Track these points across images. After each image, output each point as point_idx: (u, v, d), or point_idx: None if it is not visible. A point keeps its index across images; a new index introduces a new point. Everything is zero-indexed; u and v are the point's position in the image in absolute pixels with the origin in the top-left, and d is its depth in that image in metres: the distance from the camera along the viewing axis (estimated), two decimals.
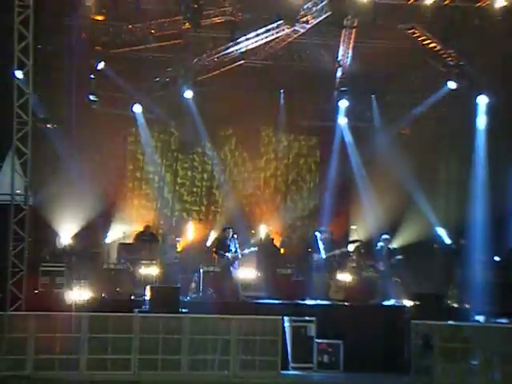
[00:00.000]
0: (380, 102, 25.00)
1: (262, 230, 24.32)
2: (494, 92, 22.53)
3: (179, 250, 22.43)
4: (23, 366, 15.52)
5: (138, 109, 23.96)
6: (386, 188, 23.32)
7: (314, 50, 23.80)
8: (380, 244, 21.37)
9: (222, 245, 20.44)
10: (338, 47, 22.75)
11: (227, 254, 19.99)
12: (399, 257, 20.76)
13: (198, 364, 16.26)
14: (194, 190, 26.01)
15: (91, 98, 22.66)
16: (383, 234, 21.75)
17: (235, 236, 20.18)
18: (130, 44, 22.46)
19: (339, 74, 23.84)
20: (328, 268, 20.92)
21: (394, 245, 22.27)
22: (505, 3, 19.05)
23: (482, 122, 23.05)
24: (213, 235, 23.99)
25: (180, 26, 21.61)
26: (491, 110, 22.86)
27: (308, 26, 21.43)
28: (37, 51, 17.65)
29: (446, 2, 19.19)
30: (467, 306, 19.34)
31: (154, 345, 16.13)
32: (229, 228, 20.55)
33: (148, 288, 17.94)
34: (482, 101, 22.96)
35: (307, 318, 18.04)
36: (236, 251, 20.03)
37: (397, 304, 19.92)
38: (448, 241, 23.45)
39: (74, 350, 15.78)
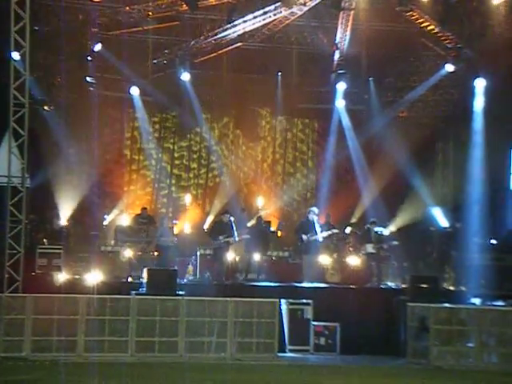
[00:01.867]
0: (378, 85, 24.97)
1: (259, 213, 24.34)
2: (492, 74, 22.48)
3: (176, 232, 22.43)
4: (20, 348, 15.55)
5: (135, 91, 23.90)
6: (383, 171, 23.31)
7: (312, 32, 23.78)
8: (367, 226, 21.34)
9: (217, 228, 20.40)
10: (336, 30, 22.71)
11: (220, 237, 19.94)
12: (395, 242, 20.75)
13: (195, 346, 16.30)
14: (192, 172, 25.99)
15: (88, 80, 22.62)
16: (371, 218, 21.73)
17: (232, 220, 20.15)
18: (127, 26, 22.46)
19: (337, 56, 23.81)
20: (324, 250, 20.91)
21: (391, 228, 22.27)
22: None
23: (479, 104, 23.02)
24: (210, 218, 23.98)
25: (177, 7, 21.61)
26: (488, 93, 22.83)
27: (306, 8, 21.43)
28: (33, 33, 17.57)
29: None
30: (463, 288, 19.38)
31: (151, 327, 16.18)
32: (227, 213, 20.49)
33: (145, 270, 17.96)
34: (480, 83, 22.93)
35: (304, 301, 18.08)
36: (231, 236, 19.94)
37: (393, 287, 19.98)
38: (445, 223, 23.46)
39: (71, 332, 15.81)
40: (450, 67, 23.11)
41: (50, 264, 18.81)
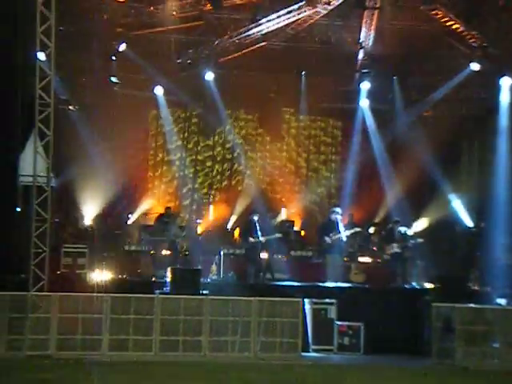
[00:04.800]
0: (402, 84, 24.84)
1: (282, 213, 24.35)
2: None
3: (200, 231, 22.47)
4: (46, 346, 15.66)
5: (159, 91, 23.98)
6: (408, 170, 23.21)
7: (336, 31, 23.68)
8: (390, 226, 21.26)
9: (247, 229, 20.41)
10: (360, 29, 22.61)
11: (251, 238, 19.96)
12: (419, 240, 20.64)
13: (219, 345, 16.33)
14: (215, 172, 26.04)
15: (113, 79, 22.70)
16: (395, 217, 21.63)
17: (258, 221, 20.19)
18: (151, 26, 22.46)
19: (361, 55, 23.71)
20: (348, 250, 20.87)
21: (416, 228, 22.17)
22: None
23: (505, 102, 22.84)
24: (233, 217, 24.00)
25: (201, 7, 21.60)
26: None
27: (330, 7, 21.34)
28: (59, 33, 17.67)
29: None
30: (489, 288, 19.25)
31: (175, 326, 16.22)
32: (256, 213, 20.51)
33: (169, 270, 18.01)
34: (506, 82, 22.76)
35: (328, 301, 18.06)
36: (259, 236, 19.97)
37: (418, 287, 19.89)
38: (470, 223, 23.32)
39: (95, 331, 15.90)
40: (475, 66, 22.93)
41: (74, 263, 18.95)
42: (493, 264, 19.67)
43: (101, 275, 18.49)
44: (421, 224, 22.64)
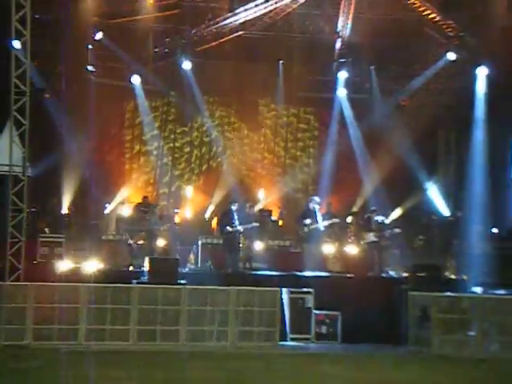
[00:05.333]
0: (379, 74, 24.90)
1: (261, 202, 24.34)
2: (494, 63, 22.40)
3: (178, 221, 22.42)
4: (22, 336, 15.58)
5: (136, 80, 23.85)
6: (384, 159, 23.28)
7: (314, 20, 23.69)
8: (367, 215, 21.32)
9: (225, 218, 20.33)
10: (338, 18, 22.63)
11: (228, 227, 19.88)
12: (397, 230, 20.73)
13: (197, 335, 16.33)
14: (193, 161, 25.99)
15: (89, 68, 22.56)
16: (372, 207, 21.71)
17: (236, 210, 20.15)
18: (128, 14, 22.34)
19: (338, 45, 23.76)
20: (325, 239, 20.91)
21: (393, 217, 22.25)
22: None
23: (481, 92, 22.95)
24: (211, 207, 23.96)
25: None
26: (490, 81, 22.76)
27: None
28: (34, 21, 17.52)
29: None
30: (465, 277, 19.37)
31: (152, 316, 16.19)
32: (234, 202, 20.44)
33: (147, 259, 17.96)
34: (482, 72, 22.85)
35: (305, 290, 18.09)
36: (237, 225, 19.89)
37: (395, 275, 19.98)
38: (446, 212, 23.44)
39: (72, 321, 15.84)
40: (451, 55, 23.04)
41: (51, 253, 18.78)
42: (469, 252, 19.78)
43: (78, 265, 18.40)
44: (398, 213, 22.72)
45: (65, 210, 21.63)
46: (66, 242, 19.10)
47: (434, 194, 23.92)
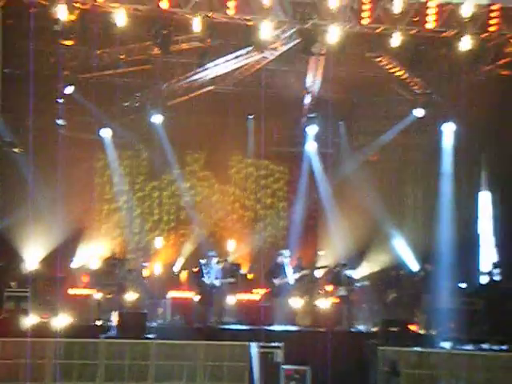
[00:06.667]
0: (348, 129, 25.21)
1: (230, 256, 24.31)
2: (460, 120, 22.79)
3: (147, 275, 22.28)
4: None
5: (106, 133, 23.89)
6: (353, 214, 23.42)
7: (283, 76, 23.96)
8: (337, 269, 21.39)
9: (199, 273, 20.38)
10: (307, 74, 22.92)
11: (204, 279, 19.90)
12: (365, 283, 20.76)
13: None
14: (163, 215, 25.93)
15: (59, 122, 22.56)
16: (342, 261, 21.78)
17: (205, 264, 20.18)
18: (99, 69, 22.45)
19: (308, 100, 24.02)
20: (294, 293, 20.88)
21: (362, 271, 22.31)
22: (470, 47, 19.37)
23: (448, 148, 23.27)
24: (181, 260, 23.88)
25: (149, 51, 21.65)
26: (457, 137, 23.11)
27: (277, 53, 21.60)
28: (4, 75, 17.55)
29: (412, 32, 19.39)
30: (433, 332, 19.38)
31: (120, 371, 15.99)
32: (213, 256, 20.50)
33: (115, 313, 17.79)
34: (449, 128, 23.21)
35: (274, 344, 17.98)
36: (213, 279, 19.94)
37: (364, 330, 19.95)
38: (415, 267, 23.54)
39: (38, 377, 15.59)
40: (418, 112, 23.40)
41: (17, 308, 18.58)
42: (438, 308, 19.82)
43: (44, 320, 18.17)
44: (367, 267, 22.78)
45: (32, 265, 21.41)
46: (32, 296, 18.88)
47: (402, 249, 24.03)
